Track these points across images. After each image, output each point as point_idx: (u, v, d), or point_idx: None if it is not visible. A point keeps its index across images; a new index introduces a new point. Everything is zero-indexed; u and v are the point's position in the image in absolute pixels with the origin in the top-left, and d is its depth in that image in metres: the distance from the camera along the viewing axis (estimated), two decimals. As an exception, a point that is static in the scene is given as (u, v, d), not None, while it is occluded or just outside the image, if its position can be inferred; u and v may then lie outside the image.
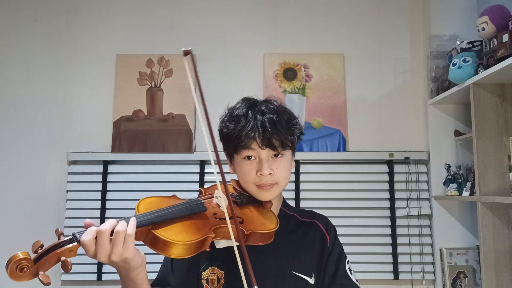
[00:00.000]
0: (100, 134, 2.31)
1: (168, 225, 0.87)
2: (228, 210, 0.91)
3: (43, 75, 2.36)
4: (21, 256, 0.72)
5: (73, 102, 2.35)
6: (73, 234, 0.79)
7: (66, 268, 0.75)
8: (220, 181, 0.93)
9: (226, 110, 1.09)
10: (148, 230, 0.85)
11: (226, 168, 1.11)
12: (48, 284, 0.72)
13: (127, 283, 0.89)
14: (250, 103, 1.07)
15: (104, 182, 2.27)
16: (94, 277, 2.19)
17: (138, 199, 0.93)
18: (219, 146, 0.99)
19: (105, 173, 2.28)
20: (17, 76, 2.36)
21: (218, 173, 0.93)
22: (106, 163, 2.28)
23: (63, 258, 0.76)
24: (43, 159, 2.30)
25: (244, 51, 2.40)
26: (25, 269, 0.72)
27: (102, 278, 2.19)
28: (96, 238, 0.79)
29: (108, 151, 2.28)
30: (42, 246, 0.76)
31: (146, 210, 0.88)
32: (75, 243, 0.78)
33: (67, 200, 2.25)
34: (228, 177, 1.14)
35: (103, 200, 2.25)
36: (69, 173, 2.28)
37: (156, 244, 0.85)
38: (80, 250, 0.79)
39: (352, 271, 1.09)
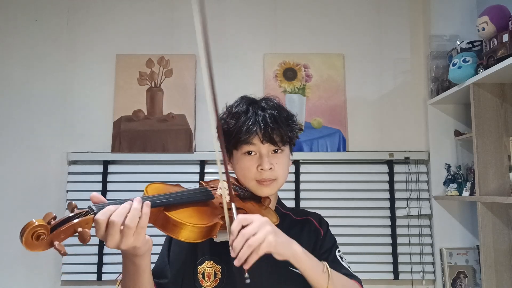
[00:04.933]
0: (100, 134, 2.31)
1: (179, 208, 0.87)
2: (230, 202, 0.92)
3: (43, 75, 2.36)
4: (37, 223, 0.68)
5: (73, 102, 2.35)
6: (89, 206, 0.77)
7: (84, 239, 0.71)
8: (223, 178, 0.94)
9: (225, 109, 1.10)
10: (160, 211, 0.85)
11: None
12: (65, 254, 0.70)
13: (129, 267, 0.88)
14: (249, 100, 1.08)
15: (104, 182, 2.27)
16: (94, 277, 2.18)
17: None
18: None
19: (105, 173, 2.28)
20: (17, 76, 2.36)
21: (223, 173, 0.93)
22: (106, 163, 2.28)
23: (80, 229, 0.72)
24: (43, 159, 2.30)
25: (244, 51, 2.39)
26: (42, 237, 0.68)
27: (102, 278, 2.18)
28: (107, 225, 0.76)
29: (108, 151, 2.28)
30: (55, 217, 0.72)
31: (155, 194, 0.88)
32: (91, 215, 0.75)
33: (67, 200, 2.25)
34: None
35: (103, 200, 2.25)
36: (69, 173, 2.28)
37: (167, 225, 0.85)
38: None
39: (343, 259, 1.10)
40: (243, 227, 0.84)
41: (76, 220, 0.73)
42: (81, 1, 2.42)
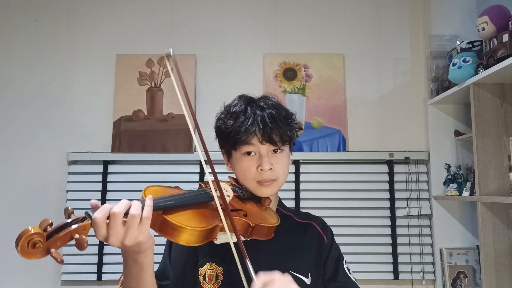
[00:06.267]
0: (100, 134, 2.31)
1: (178, 211, 0.86)
2: (229, 203, 0.92)
3: (43, 75, 2.36)
4: (33, 231, 0.67)
5: (73, 102, 2.35)
6: (86, 212, 0.76)
7: (81, 246, 0.70)
8: (212, 180, 0.94)
9: (222, 108, 1.09)
10: (158, 215, 0.84)
11: (220, 168, 1.11)
12: (62, 262, 0.69)
13: (132, 267, 0.86)
14: (248, 100, 1.07)
15: (104, 182, 2.27)
16: (94, 277, 2.18)
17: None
18: (211, 146, 1.00)
19: (105, 173, 2.28)
20: (17, 76, 2.35)
21: (210, 173, 0.93)
22: (106, 163, 2.29)
23: (77, 235, 0.70)
24: (43, 159, 2.30)
25: (244, 51, 2.39)
26: (37, 244, 0.67)
27: (102, 278, 2.18)
28: (108, 220, 0.74)
29: (108, 151, 2.28)
30: (51, 224, 0.70)
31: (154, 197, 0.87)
32: (89, 221, 0.74)
33: (67, 200, 2.25)
34: (224, 176, 1.14)
35: (103, 200, 2.25)
36: (69, 173, 2.28)
37: (165, 229, 0.84)
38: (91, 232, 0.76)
39: (350, 271, 1.11)
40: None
41: (73, 227, 0.71)
42: (81, 1, 2.42)
